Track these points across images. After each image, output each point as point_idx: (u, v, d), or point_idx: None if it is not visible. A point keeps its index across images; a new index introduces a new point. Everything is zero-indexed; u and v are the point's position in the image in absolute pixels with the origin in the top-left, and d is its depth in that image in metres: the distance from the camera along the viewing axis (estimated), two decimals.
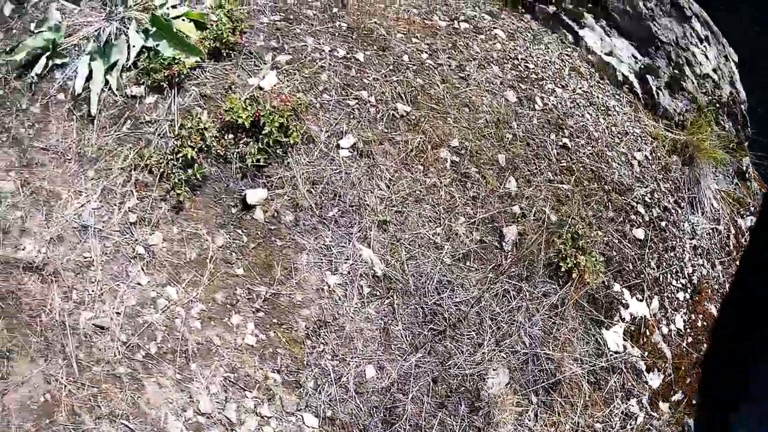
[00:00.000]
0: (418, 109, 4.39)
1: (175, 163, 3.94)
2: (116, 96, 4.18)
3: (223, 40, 4.27)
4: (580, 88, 5.16)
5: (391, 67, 4.51)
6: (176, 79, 4.17)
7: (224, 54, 4.31)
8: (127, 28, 4.36)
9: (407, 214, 4.08)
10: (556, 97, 4.97)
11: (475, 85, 4.68)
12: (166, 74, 4.14)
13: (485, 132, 4.50)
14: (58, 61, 4.28)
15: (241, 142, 4.02)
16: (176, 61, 4.19)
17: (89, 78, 4.23)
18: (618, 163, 5.00)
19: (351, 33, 4.63)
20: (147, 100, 4.17)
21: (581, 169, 4.75)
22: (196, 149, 3.92)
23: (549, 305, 4.31)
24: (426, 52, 4.71)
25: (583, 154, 4.82)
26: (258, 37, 4.46)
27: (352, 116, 4.24)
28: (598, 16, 5.57)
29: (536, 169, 4.57)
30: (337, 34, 4.61)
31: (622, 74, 5.46)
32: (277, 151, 4.01)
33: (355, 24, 4.69)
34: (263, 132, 3.94)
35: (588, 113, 5.05)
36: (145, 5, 4.55)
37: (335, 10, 4.78)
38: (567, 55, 5.35)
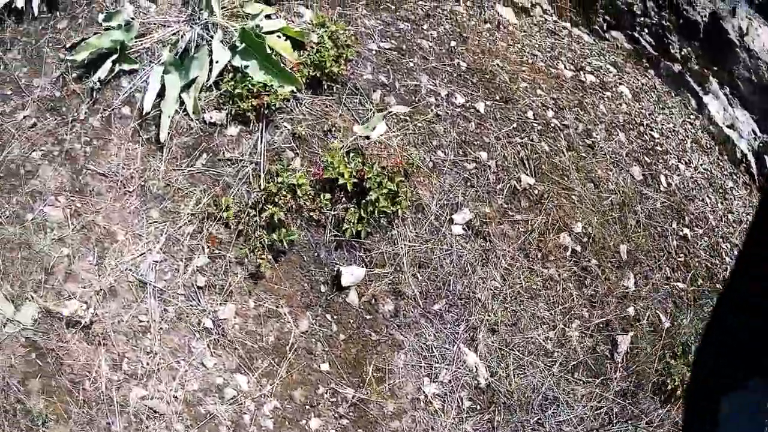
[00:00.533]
0: (542, 182, 3.51)
1: (258, 221, 3.05)
2: (191, 120, 3.25)
3: (325, 70, 3.32)
4: (702, 165, 4.30)
5: (514, 124, 3.60)
6: (265, 111, 3.24)
7: (325, 86, 3.37)
8: (211, 37, 3.38)
9: (520, 314, 3.25)
10: (679, 175, 4.11)
11: (601, 155, 3.79)
12: (253, 103, 3.20)
13: (609, 216, 3.64)
14: (126, 67, 3.31)
15: (340, 205, 3.13)
16: (267, 89, 3.23)
17: (161, 94, 3.27)
18: (730, 258, 4.18)
19: (471, 76, 3.70)
20: (228, 131, 3.24)
21: (697, 264, 3.93)
22: (284, 209, 3.03)
23: (647, 423, 3.56)
24: (552, 109, 3.80)
25: (700, 246, 3.99)
26: (365, 68, 3.51)
27: (468, 183, 3.35)
28: (722, 81, 4.64)
29: (655, 263, 3.74)
30: (455, 74, 3.67)
31: (741, 151, 4.58)
32: (381, 221, 3.14)
33: (475, 65, 3.75)
34: (367, 198, 3.04)
35: (708, 197, 4.20)
36: (234, 10, 3.56)
37: (453, 43, 3.82)
38: (689, 123, 4.46)
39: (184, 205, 3.09)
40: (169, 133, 3.19)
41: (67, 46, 3.33)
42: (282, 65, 3.27)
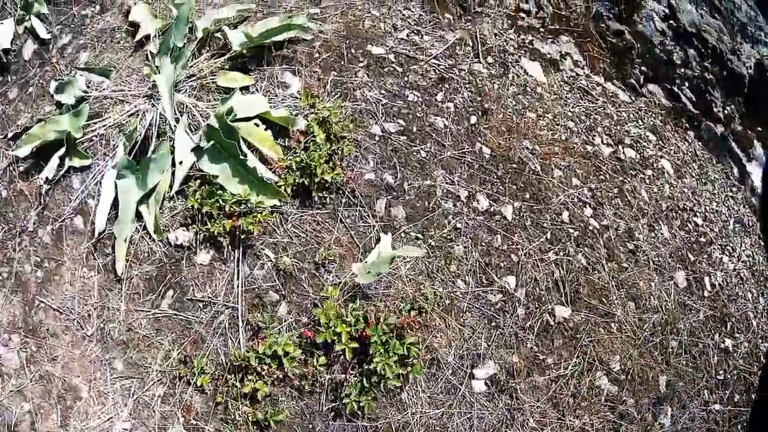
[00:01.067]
0: (578, 310, 2.87)
1: (237, 386, 2.36)
2: (153, 242, 2.50)
3: (315, 178, 2.55)
4: (744, 251, 3.71)
5: (548, 234, 2.91)
6: (242, 235, 2.49)
7: (315, 197, 2.61)
8: (177, 121, 2.58)
9: None
10: (722, 270, 3.51)
11: (644, 261, 3.15)
12: (226, 226, 2.44)
13: (650, 343, 3.04)
14: (77, 164, 2.58)
15: (336, 365, 2.45)
16: (242, 205, 2.48)
17: (114, 205, 2.51)
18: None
19: (495, 166, 2.96)
20: (198, 258, 2.50)
21: (735, 378, 3.41)
22: (270, 382, 2.34)
23: None
24: (590, 205, 3.11)
25: (739, 355, 3.46)
26: (366, 163, 2.74)
27: (493, 323, 2.69)
28: (766, 144, 4.02)
29: (694, 389, 3.19)
30: (476, 165, 2.93)
31: None
32: (388, 384, 2.48)
33: (500, 150, 3.00)
34: (371, 366, 2.35)
35: (750, 291, 3.64)
36: (203, 81, 2.72)
37: (473, 119, 3.04)
38: (731, 197, 3.83)
39: (151, 358, 2.41)
40: (127, 260, 2.45)
41: (9, 135, 2.58)
42: (261, 178, 2.49)
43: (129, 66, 2.85)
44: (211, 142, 2.49)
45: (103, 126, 2.67)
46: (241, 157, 2.47)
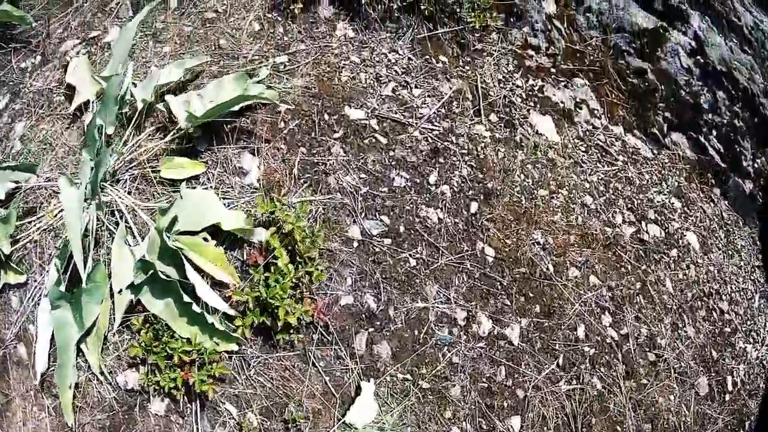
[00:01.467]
0: None
1: None
2: (102, 385, 1.97)
3: (278, 321, 2.01)
4: None
5: (560, 359, 2.44)
6: (196, 389, 1.96)
7: (280, 340, 2.07)
8: (115, 227, 2.00)
9: None
10: (746, 363, 3.13)
11: (665, 372, 2.72)
12: (177, 380, 1.93)
13: None
14: (12, 280, 2.03)
15: None
16: (191, 352, 1.95)
17: (52, 340, 1.98)
18: None
19: (500, 273, 2.43)
20: (152, 406, 2.02)
21: None
22: None
23: None
24: (609, 310, 2.63)
25: None
26: (342, 283, 2.19)
27: None
28: None
29: None
30: (477, 273, 2.39)
31: None
32: None
33: (505, 249, 2.46)
34: None
35: None
36: (143, 167, 2.11)
37: (474, 207, 2.48)
38: (758, 266, 3.42)
39: None
40: (75, 405, 1.93)
41: None
42: (210, 324, 1.93)
43: (65, 143, 2.23)
44: (149, 273, 1.91)
45: (37, 229, 2.10)
46: (185, 299, 1.90)
